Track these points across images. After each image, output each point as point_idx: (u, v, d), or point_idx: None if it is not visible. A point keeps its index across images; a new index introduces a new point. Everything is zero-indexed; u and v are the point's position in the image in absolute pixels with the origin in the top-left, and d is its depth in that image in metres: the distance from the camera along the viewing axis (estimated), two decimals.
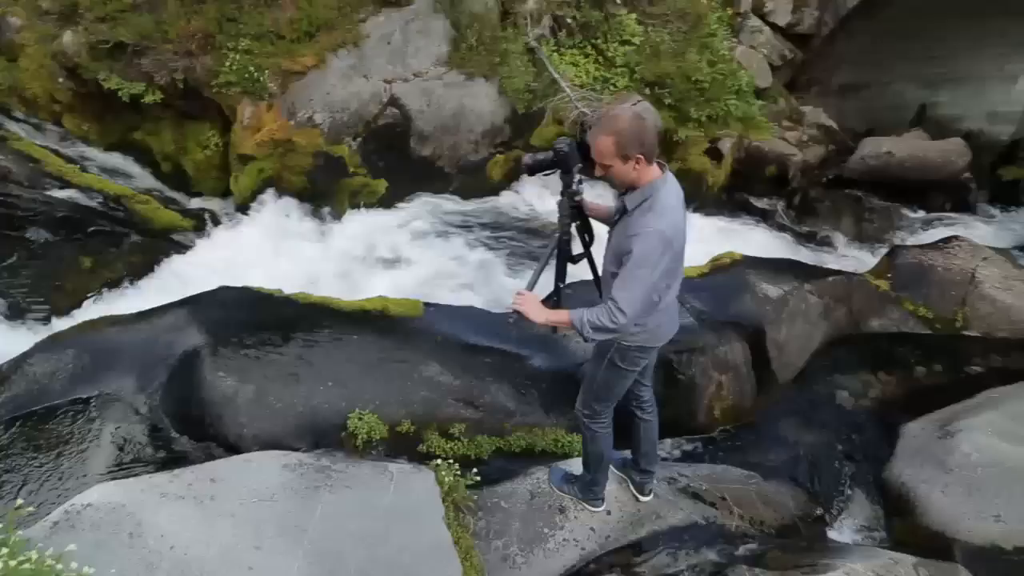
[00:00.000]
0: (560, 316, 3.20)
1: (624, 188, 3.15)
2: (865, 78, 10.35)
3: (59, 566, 2.39)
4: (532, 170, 3.39)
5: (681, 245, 3.18)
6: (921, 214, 8.95)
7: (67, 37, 7.58)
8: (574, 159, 3.20)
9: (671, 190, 3.11)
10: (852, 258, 8.00)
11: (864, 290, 6.34)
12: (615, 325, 2.99)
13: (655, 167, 3.08)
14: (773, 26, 9.60)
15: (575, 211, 3.40)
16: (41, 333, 5.51)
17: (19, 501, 2.87)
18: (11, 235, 5.76)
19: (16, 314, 5.76)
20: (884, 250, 7.33)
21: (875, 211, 8.95)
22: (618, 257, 3.10)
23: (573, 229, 3.45)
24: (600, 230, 3.44)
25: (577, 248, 3.51)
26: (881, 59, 9.85)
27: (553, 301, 3.48)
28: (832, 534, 4.61)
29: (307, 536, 3.33)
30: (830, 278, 6.28)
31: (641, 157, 2.98)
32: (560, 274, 3.51)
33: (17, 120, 7.92)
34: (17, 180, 6.14)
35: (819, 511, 4.65)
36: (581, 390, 3.69)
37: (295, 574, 3.14)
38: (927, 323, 6.27)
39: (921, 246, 6.96)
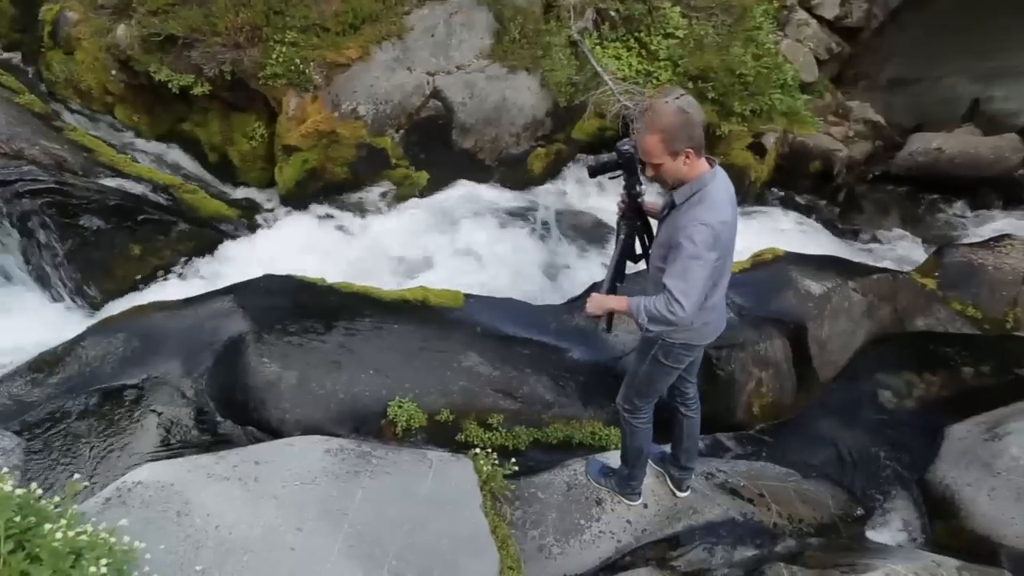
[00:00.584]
0: (620, 301, 3.22)
1: (675, 184, 3.11)
2: (915, 72, 10.08)
3: (112, 540, 2.47)
4: (595, 172, 3.39)
5: (729, 241, 3.15)
6: (971, 212, 8.72)
7: (120, 30, 7.76)
8: (637, 160, 3.19)
9: (720, 185, 3.08)
10: (898, 256, 7.83)
11: (910, 288, 6.21)
12: (673, 316, 2.95)
13: (704, 161, 3.05)
14: (820, 19, 9.41)
15: (637, 212, 3.40)
16: (93, 317, 5.68)
17: (76, 476, 2.97)
18: (65, 222, 5.92)
19: (70, 298, 5.94)
20: (931, 248, 7.16)
21: (923, 208, 8.76)
22: (665, 251, 3.09)
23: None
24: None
25: (639, 248, 3.53)
26: (933, 53, 9.58)
27: None
28: (872, 535, 4.55)
29: (347, 520, 3.39)
30: (875, 276, 6.15)
31: (691, 151, 2.95)
32: (619, 273, 3.53)
33: (72, 111, 8.16)
34: (72, 169, 6.31)
35: (859, 511, 4.60)
36: (623, 384, 3.69)
37: (335, 556, 3.20)
38: (975, 323, 6.12)
39: (971, 244, 6.80)
